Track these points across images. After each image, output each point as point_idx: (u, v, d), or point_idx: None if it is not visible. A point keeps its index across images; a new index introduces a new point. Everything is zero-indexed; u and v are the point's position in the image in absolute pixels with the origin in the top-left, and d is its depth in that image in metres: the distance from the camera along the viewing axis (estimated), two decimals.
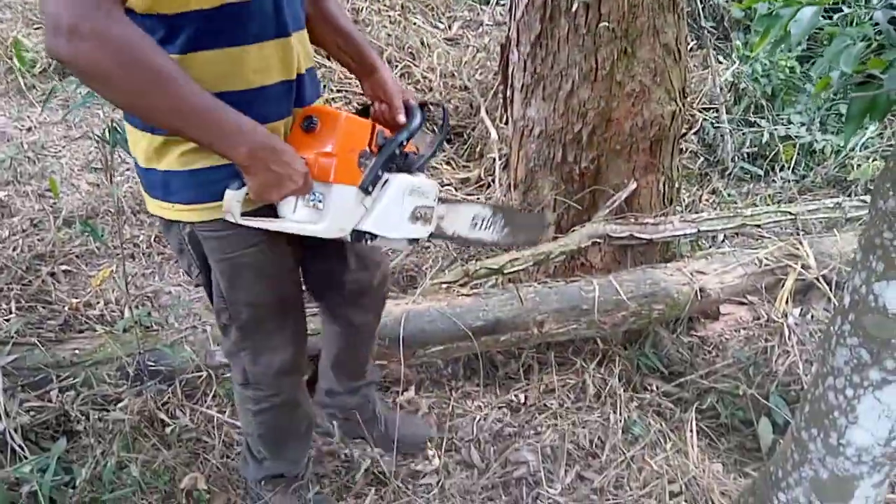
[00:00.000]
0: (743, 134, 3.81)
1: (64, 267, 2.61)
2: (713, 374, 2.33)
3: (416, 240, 1.51)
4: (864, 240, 1.12)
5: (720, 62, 4.18)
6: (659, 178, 2.46)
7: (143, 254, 2.74)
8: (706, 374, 2.33)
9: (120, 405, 1.95)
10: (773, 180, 3.67)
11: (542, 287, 2.30)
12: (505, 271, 2.39)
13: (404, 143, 1.39)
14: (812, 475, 1.29)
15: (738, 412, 2.23)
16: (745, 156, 3.80)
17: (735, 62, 4.06)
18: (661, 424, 2.16)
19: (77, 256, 2.67)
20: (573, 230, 2.44)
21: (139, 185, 1.46)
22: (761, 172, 3.72)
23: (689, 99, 3.06)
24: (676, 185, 2.61)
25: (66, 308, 2.39)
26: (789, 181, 3.59)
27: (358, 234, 1.36)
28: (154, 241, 2.79)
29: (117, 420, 1.91)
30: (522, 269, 2.41)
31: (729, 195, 3.50)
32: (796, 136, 3.73)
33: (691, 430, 2.13)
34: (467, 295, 2.27)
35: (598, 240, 2.40)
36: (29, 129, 3.25)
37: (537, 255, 2.38)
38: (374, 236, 1.39)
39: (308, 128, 1.29)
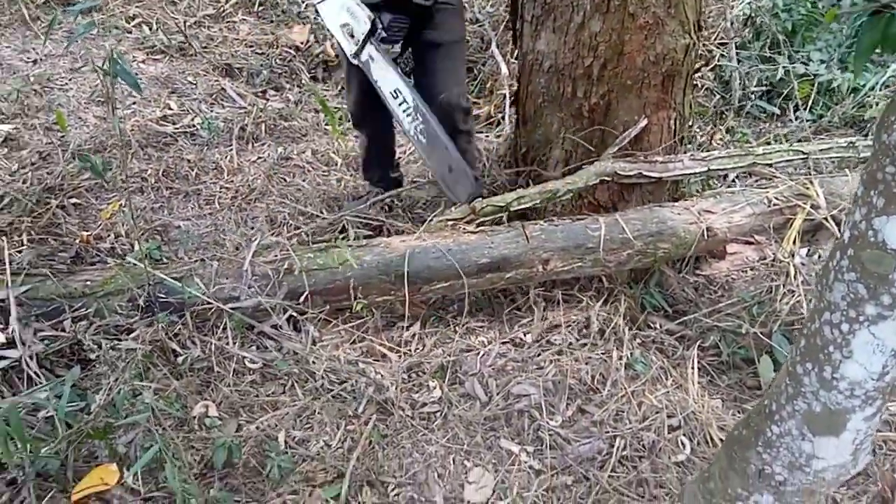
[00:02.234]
0: (761, 71, 3.71)
1: (73, 200, 2.63)
2: (717, 313, 2.34)
3: (354, 55, 2.31)
4: (866, 174, 1.10)
5: None
6: (670, 115, 2.42)
7: (152, 188, 2.75)
8: (710, 312, 2.34)
9: (132, 335, 1.99)
10: (790, 120, 3.59)
11: (547, 225, 2.30)
12: (512, 208, 2.39)
13: None
14: (805, 408, 1.30)
15: (739, 350, 2.25)
16: (762, 94, 3.71)
17: None
18: (662, 361, 2.19)
19: (86, 190, 2.69)
20: (581, 168, 2.41)
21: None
22: (778, 111, 3.64)
23: (704, 33, 2.97)
24: (688, 123, 2.57)
25: (77, 241, 2.42)
26: (805, 121, 3.52)
27: (317, 11, 2.38)
28: (163, 175, 2.80)
29: (129, 349, 1.94)
30: (529, 206, 2.41)
31: (743, 134, 3.44)
32: (814, 74, 3.63)
33: (692, 367, 2.15)
34: (473, 232, 2.27)
35: (606, 178, 2.37)
36: (34, 62, 3.23)
37: (544, 192, 2.37)
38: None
39: None
